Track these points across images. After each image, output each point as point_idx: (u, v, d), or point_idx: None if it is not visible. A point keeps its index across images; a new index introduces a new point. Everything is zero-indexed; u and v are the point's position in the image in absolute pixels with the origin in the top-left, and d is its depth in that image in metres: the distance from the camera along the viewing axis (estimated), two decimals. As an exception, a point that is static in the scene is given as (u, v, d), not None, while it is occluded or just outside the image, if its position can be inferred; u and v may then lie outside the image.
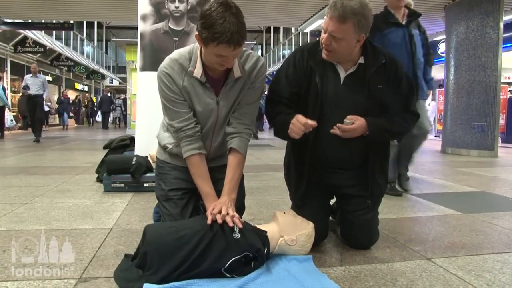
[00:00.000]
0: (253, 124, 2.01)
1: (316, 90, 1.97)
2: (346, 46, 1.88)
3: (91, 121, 23.76)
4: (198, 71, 1.82)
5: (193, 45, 1.89)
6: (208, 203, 1.83)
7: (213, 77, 1.87)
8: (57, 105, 18.83)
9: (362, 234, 2.11)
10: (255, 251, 1.65)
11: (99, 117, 22.05)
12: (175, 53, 1.90)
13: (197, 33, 1.70)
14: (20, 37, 15.28)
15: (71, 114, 21.27)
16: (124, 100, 20.03)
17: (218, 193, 1.88)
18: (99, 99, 22.52)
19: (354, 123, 1.91)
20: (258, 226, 1.84)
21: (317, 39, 2.04)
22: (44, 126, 15.53)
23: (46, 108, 15.59)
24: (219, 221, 1.67)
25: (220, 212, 1.71)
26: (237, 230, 1.67)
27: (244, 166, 1.97)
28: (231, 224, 1.67)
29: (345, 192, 2.13)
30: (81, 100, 23.86)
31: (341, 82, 2.00)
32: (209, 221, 1.67)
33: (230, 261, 1.59)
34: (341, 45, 1.87)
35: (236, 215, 1.74)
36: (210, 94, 1.87)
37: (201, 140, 1.93)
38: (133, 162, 3.61)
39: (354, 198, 2.10)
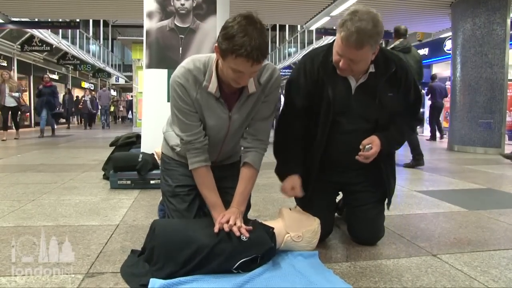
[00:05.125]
0: (268, 138, 1.97)
1: (328, 101, 1.94)
2: (365, 64, 1.87)
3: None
4: (213, 87, 1.75)
5: (208, 56, 1.81)
6: (216, 213, 1.81)
7: (226, 92, 1.81)
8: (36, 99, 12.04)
9: (368, 230, 2.11)
10: (264, 251, 1.66)
11: (130, 115, 25.12)
12: (190, 63, 1.79)
13: (216, 44, 1.64)
14: (27, 36, 15.34)
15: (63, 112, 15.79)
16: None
17: (220, 190, 1.89)
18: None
19: (372, 147, 1.90)
20: (264, 223, 1.85)
21: (326, 44, 2.01)
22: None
23: (12, 103, 9.60)
24: (226, 229, 1.68)
25: (228, 222, 1.71)
26: (244, 238, 1.68)
27: (256, 180, 1.95)
28: (237, 234, 1.67)
29: (352, 189, 2.15)
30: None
31: (353, 92, 1.98)
32: (216, 230, 1.68)
33: (239, 262, 1.61)
34: (360, 65, 1.85)
35: (244, 226, 1.72)
36: (223, 109, 1.82)
37: (211, 147, 1.91)
38: (139, 159, 3.63)
39: (360, 193, 2.11)
